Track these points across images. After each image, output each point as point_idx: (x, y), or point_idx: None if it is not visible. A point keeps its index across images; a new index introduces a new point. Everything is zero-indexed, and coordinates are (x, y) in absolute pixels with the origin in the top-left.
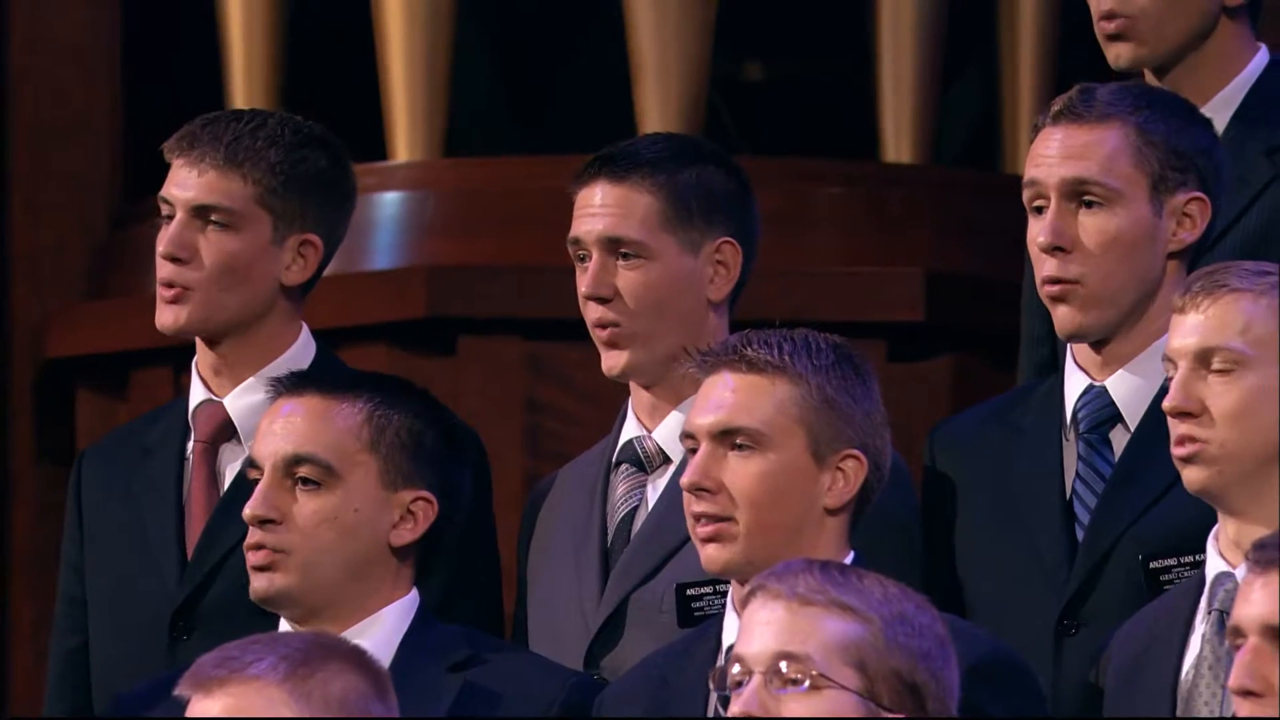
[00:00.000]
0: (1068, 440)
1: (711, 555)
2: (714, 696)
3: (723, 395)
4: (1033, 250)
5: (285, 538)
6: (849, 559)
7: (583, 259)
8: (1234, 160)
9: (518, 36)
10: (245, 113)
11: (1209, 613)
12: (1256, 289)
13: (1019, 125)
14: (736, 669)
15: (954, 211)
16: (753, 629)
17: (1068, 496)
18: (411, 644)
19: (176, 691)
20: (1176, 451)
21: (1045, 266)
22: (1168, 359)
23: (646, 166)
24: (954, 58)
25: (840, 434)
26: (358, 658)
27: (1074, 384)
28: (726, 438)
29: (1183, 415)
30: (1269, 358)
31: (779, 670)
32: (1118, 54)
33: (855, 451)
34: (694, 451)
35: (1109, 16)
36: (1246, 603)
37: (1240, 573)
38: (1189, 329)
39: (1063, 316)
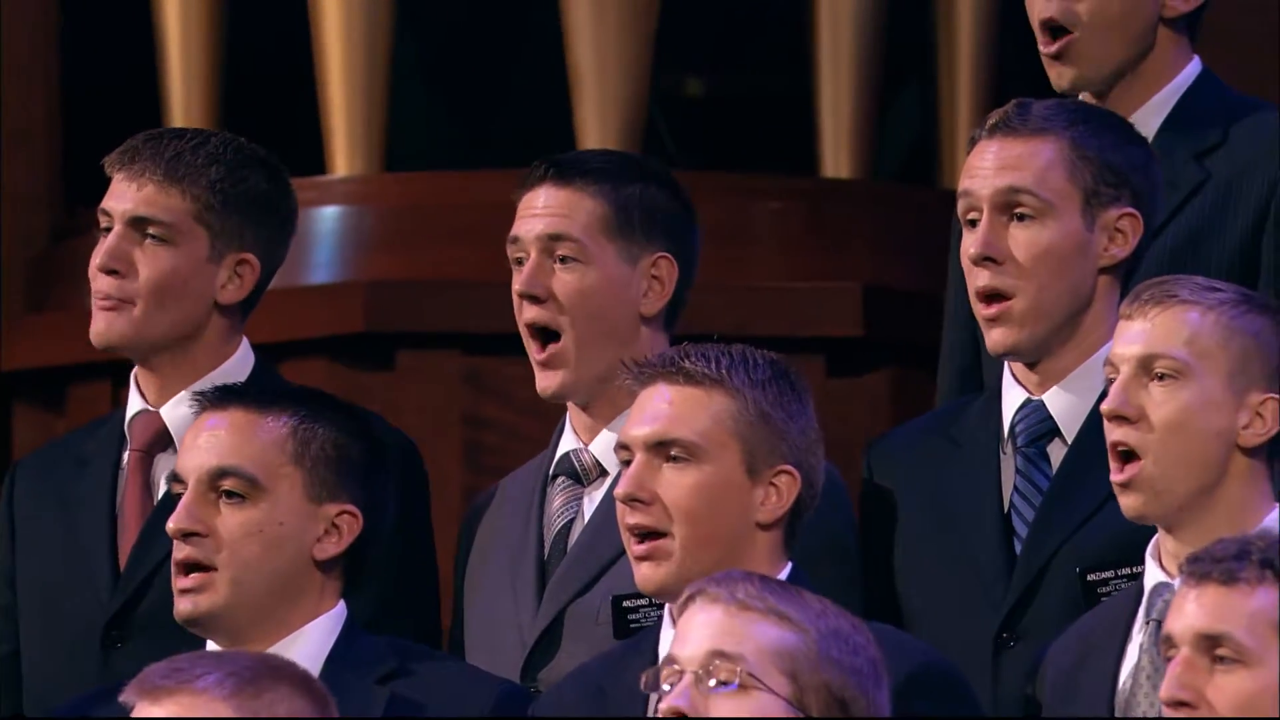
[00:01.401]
0: (1005, 454)
1: (646, 575)
2: (651, 706)
3: (659, 407)
4: (965, 262)
5: (211, 552)
6: (785, 572)
7: (520, 261)
8: (1164, 164)
9: (457, 51)
10: (188, 130)
11: (1146, 622)
12: (1205, 303)
13: (957, 141)
14: (670, 669)
15: (893, 227)
16: (688, 631)
17: (1006, 510)
18: (338, 657)
19: (122, 698)
20: (1115, 476)
21: (977, 278)
22: (1110, 364)
23: (593, 174)
24: (892, 74)
25: (774, 449)
26: (306, 684)
27: (1011, 398)
28: (662, 449)
29: (1119, 420)
30: (1211, 371)
31: (711, 669)
32: (1060, 73)
33: (789, 467)
34: (629, 463)
35: (1052, 35)
36: (1179, 614)
37: (1178, 584)
38: (1134, 335)
39: (996, 336)
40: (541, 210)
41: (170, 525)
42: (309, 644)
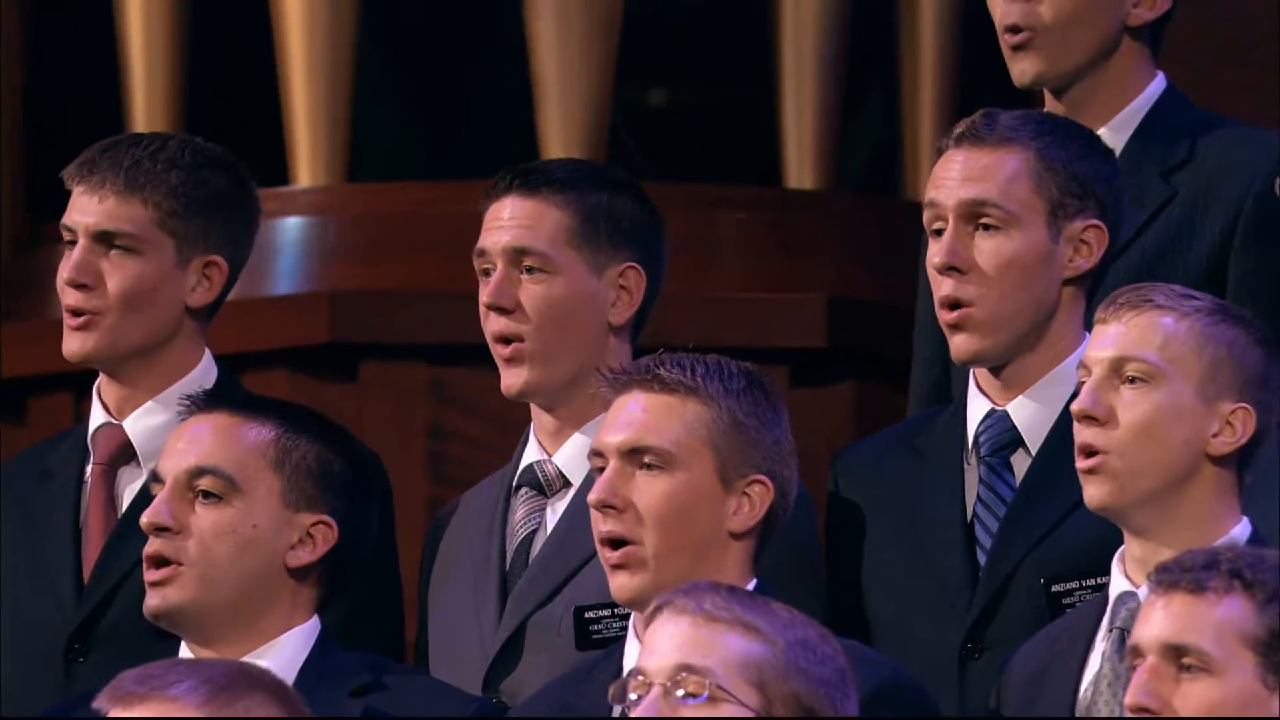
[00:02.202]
0: (969, 465)
1: (621, 584)
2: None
3: (633, 414)
4: (930, 271)
5: (183, 548)
6: (751, 586)
7: (487, 273)
8: (1131, 180)
9: (420, 61)
10: (144, 136)
11: (1110, 631)
12: (1181, 310)
13: (920, 152)
14: (637, 681)
15: (857, 237)
16: (656, 643)
17: (969, 521)
18: (312, 669)
19: (94, 704)
20: (1080, 464)
21: (941, 287)
22: (1083, 366)
23: (558, 184)
24: (856, 85)
25: (748, 459)
26: (281, 692)
27: (976, 409)
28: (635, 456)
29: (1089, 420)
30: (1182, 377)
31: (679, 682)
32: (1022, 69)
33: (762, 477)
34: (602, 470)
35: (1014, 30)
36: (1146, 623)
37: (1143, 593)
38: (1108, 338)
39: (959, 343)
40: (507, 222)
41: (144, 519)
42: (283, 655)
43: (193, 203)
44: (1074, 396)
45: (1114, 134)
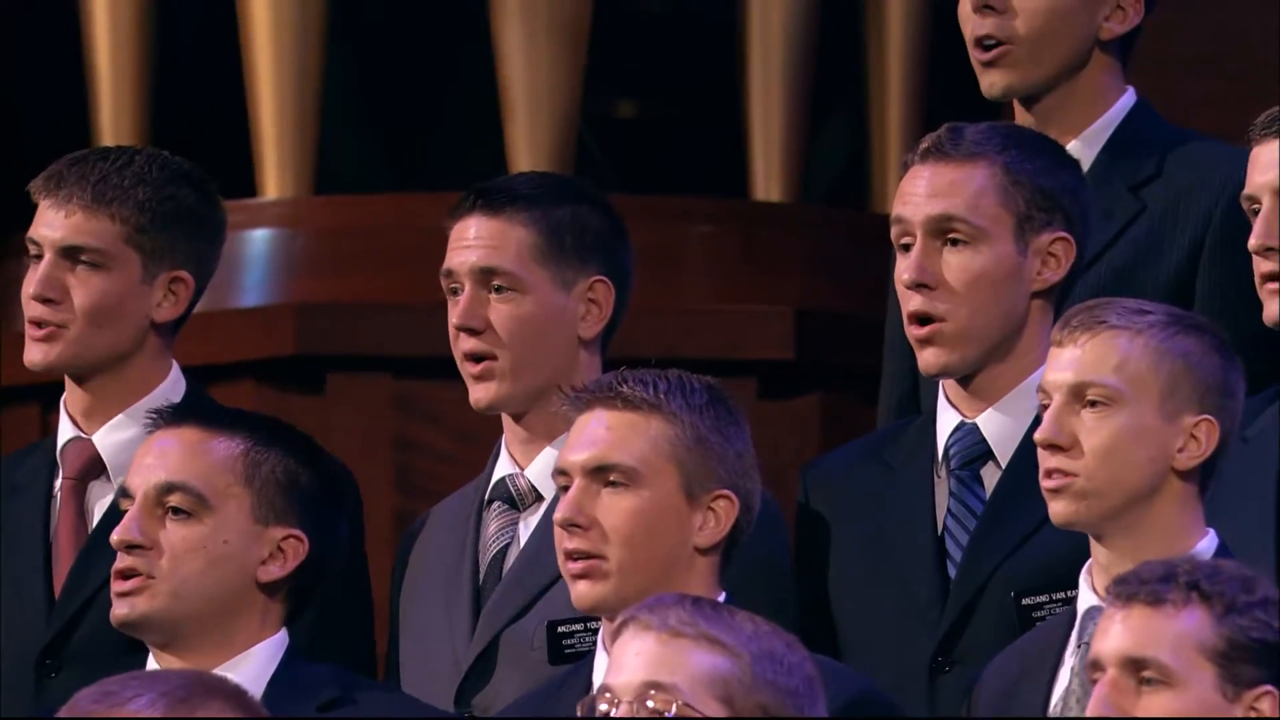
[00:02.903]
0: (939, 478)
1: (582, 592)
2: None
3: (597, 432)
4: (898, 287)
5: (154, 564)
6: (719, 599)
7: (455, 292)
8: (1100, 194)
9: (388, 73)
10: (112, 150)
11: (1079, 646)
12: (1134, 327)
13: (887, 165)
14: (604, 698)
15: (823, 250)
16: (622, 660)
17: (940, 534)
18: (280, 683)
19: None
20: (1045, 483)
21: (910, 302)
22: (1042, 390)
23: (523, 201)
24: (822, 98)
25: (713, 474)
26: (239, 697)
27: (945, 421)
28: (600, 474)
29: (1053, 448)
30: (1142, 396)
31: (646, 700)
32: (992, 82)
33: (727, 492)
34: (567, 488)
35: (985, 44)
36: (1105, 636)
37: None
38: (1065, 363)
39: (928, 356)
40: (473, 241)
41: (115, 536)
42: (252, 667)
43: (159, 218)
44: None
45: (1083, 147)
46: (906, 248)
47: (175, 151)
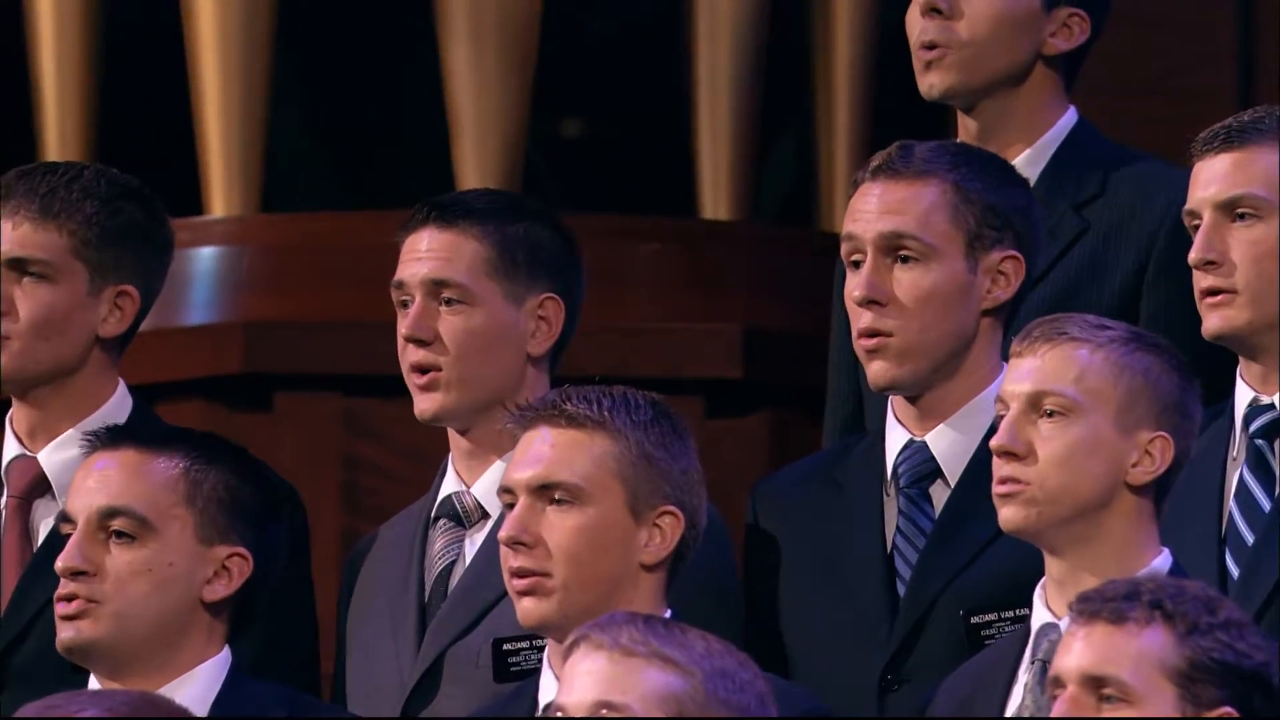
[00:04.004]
0: (888, 496)
1: (527, 609)
2: None
3: (541, 450)
4: (849, 304)
5: (98, 589)
6: (665, 616)
7: (405, 304)
8: (1043, 213)
9: (335, 91)
10: (60, 165)
11: (1032, 663)
12: (1095, 340)
13: (835, 183)
14: (556, 717)
15: (771, 268)
16: (574, 678)
17: (889, 552)
18: (225, 703)
19: None
20: (997, 489)
21: (860, 319)
22: (1000, 400)
23: (476, 215)
24: (770, 116)
25: (658, 490)
26: (184, 717)
27: (894, 439)
28: (545, 492)
29: (1008, 455)
30: (1100, 408)
31: (599, 719)
32: (931, 83)
33: (672, 508)
34: (511, 506)
35: (929, 46)
36: (1067, 652)
37: (1065, 624)
38: (1024, 372)
39: (876, 370)
40: (425, 254)
41: (59, 563)
42: (196, 688)
43: (107, 232)
44: (993, 428)
45: (1026, 167)
46: (857, 264)
47: (122, 169)
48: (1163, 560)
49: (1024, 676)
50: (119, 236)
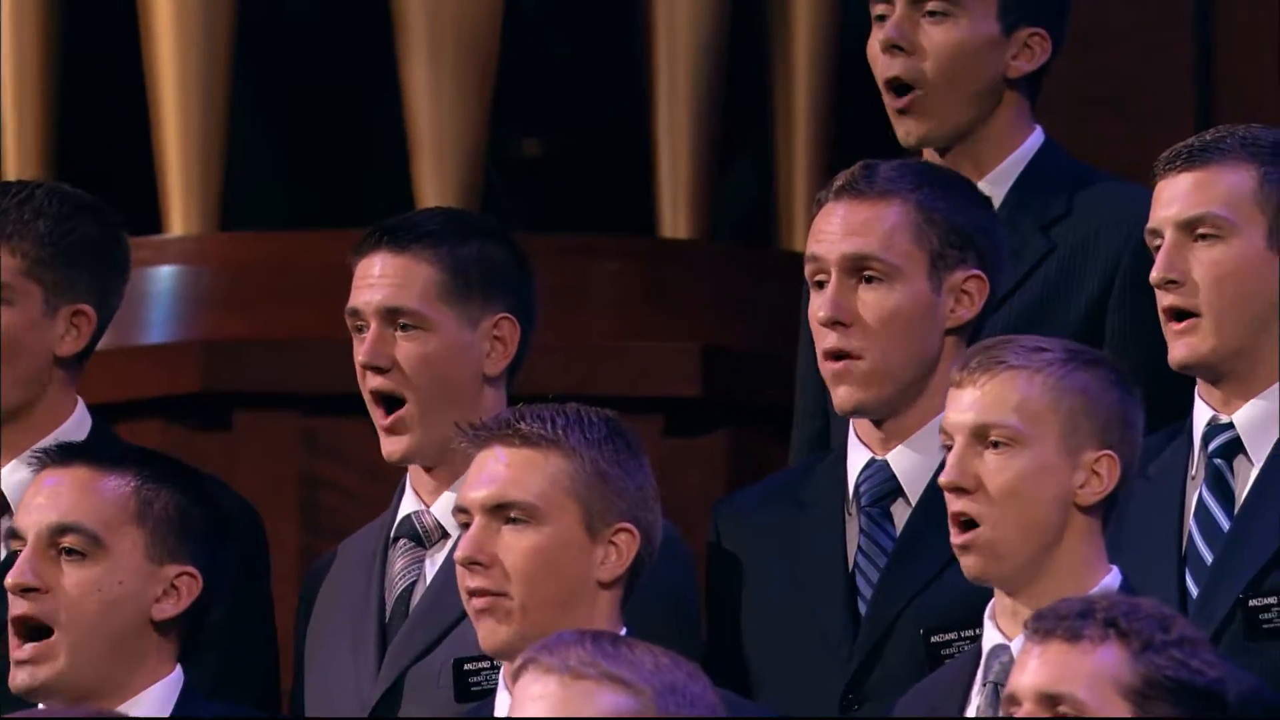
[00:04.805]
0: (850, 515)
1: (488, 634)
2: None
3: (495, 469)
4: (813, 324)
5: (49, 608)
6: (621, 633)
7: (360, 330)
8: (1009, 233)
9: (294, 109)
10: (12, 185)
11: (984, 685)
12: (1032, 365)
13: (794, 202)
14: None
15: (731, 287)
16: (524, 703)
17: (850, 571)
18: None
19: None
20: (954, 539)
21: (825, 340)
22: (944, 432)
23: (428, 238)
24: (729, 135)
25: (613, 507)
26: None
27: (856, 459)
28: (500, 511)
29: (958, 491)
30: (1043, 435)
31: None
32: (908, 130)
33: (628, 525)
34: (467, 525)
35: (897, 88)
36: (1022, 671)
37: (1016, 645)
38: (965, 404)
39: (842, 394)
40: (378, 280)
41: (9, 580)
42: (146, 710)
43: (60, 252)
44: None
45: (992, 187)
46: (821, 284)
47: (81, 187)
48: (1112, 578)
49: (976, 698)
50: (73, 255)
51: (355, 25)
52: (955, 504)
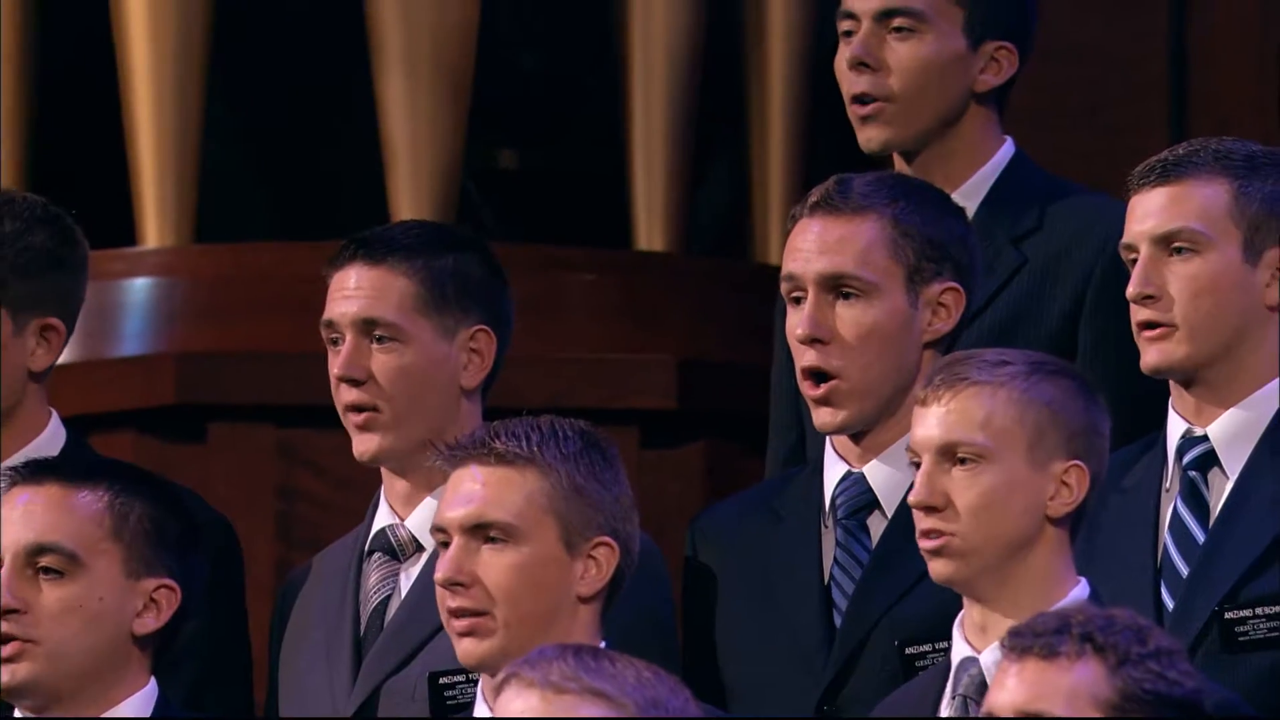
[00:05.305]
0: (826, 527)
1: (468, 650)
2: None
3: (472, 488)
4: (791, 341)
5: (29, 627)
6: (601, 646)
7: (335, 342)
8: (981, 247)
9: (269, 121)
10: None
11: (954, 697)
12: (996, 380)
13: (769, 215)
14: None
15: (706, 299)
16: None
17: (826, 583)
18: None
19: None
20: (923, 544)
21: (804, 357)
22: (911, 450)
23: (403, 251)
24: (705, 148)
25: (591, 521)
26: None
27: (833, 472)
28: (479, 531)
29: (928, 509)
30: (1010, 449)
31: None
32: (869, 137)
33: (606, 538)
34: (445, 545)
35: (862, 100)
36: (1000, 689)
37: (985, 658)
38: (931, 422)
39: (824, 415)
40: (354, 292)
41: None
42: None
43: (19, 268)
44: None
45: (963, 200)
46: (798, 301)
47: (55, 200)
48: (1081, 589)
49: (946, 711)
50: (34, 269)
51: (330, 38)
52: (924, 522)
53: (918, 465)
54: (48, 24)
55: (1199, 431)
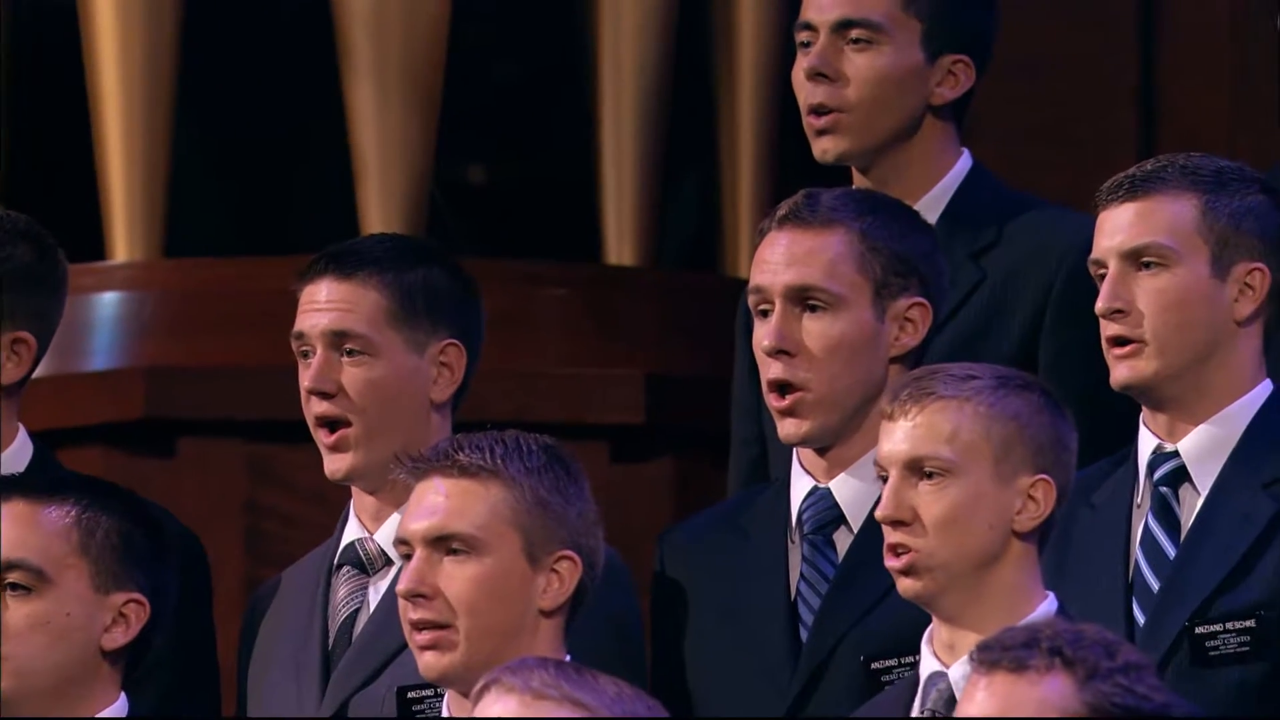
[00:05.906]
0: (793, 542)
1: (429, 663)
2: None
3: (435, 501)
4: (758, 354)
5: None
6: (565, 660)
7: (306, 355)
8: None
9: (238, 135)
10: None
11: (923, 711)
12: (962, 394)
13: (739, 229)
14: None
15: (675, 314)
16: None
17: (793, 598)
18: None
19: None
20: (890, 562)
21: (770, 370)
22: (879, 465)
23: (374, 264)
24: (674, 162)
25: (554, 535)
26: None
27: (799, 487)
28: (441, 543)
29: (895, 523)
30: (977, 464)
31: None
32: (824, 149)
33: (569, 552)
34: (408, 557)
35: (818, 111)
36: (970, 702)
37: (953, 673)
38: (898, 437)
39: (789, 426)
40: (324, 305)
41: None
42: None
43: None
44: None
45: (922, 214)
46: (765, 314)
47: (25, 213)
48: (1049, 604)
49: None
50: (10, 283)
51: (300, 51)
52: (892, 536)
53: (885, 480)
54: (16, 36)
55: (1170, 447)
